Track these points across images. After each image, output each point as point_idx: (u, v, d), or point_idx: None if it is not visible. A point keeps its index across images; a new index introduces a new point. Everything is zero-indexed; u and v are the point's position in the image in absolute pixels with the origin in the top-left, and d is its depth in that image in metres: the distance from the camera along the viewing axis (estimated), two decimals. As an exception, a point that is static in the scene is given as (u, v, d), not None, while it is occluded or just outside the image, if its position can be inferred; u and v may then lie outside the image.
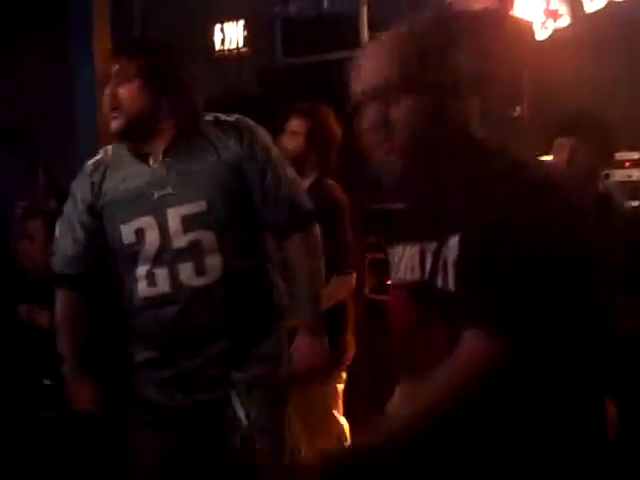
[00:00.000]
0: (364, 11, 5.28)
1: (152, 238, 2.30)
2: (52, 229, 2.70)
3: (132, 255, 2.35)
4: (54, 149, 5.80)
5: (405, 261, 1.56)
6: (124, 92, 2.28)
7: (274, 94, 5.07)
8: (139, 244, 2.32)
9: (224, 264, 2.27)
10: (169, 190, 2.29)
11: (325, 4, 5.36)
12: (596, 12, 4.18)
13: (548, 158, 4.55)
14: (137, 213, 2.33)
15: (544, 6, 4.47)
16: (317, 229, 2.44)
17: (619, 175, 4.04)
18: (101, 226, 2.41)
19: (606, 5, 4.12)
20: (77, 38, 3.87)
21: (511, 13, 4.75)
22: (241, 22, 6.30)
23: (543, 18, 4.50)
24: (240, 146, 2.32)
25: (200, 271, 2.27)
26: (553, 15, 4.44)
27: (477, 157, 1.49)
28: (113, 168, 2.40)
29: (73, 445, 2.90)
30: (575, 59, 4.29)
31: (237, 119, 2.38)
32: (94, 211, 2.41)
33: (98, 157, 2.46)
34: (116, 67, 2.32)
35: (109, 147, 2.47)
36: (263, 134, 2.39)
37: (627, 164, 4.02)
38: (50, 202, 5.07)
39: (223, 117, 2.40)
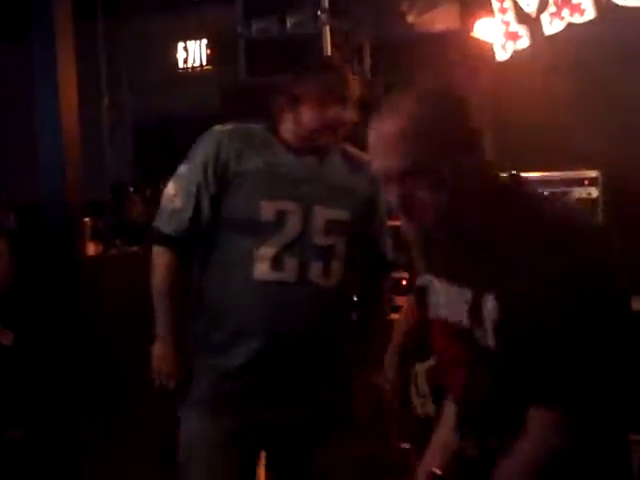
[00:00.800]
0: (327, 31, 5.34)
1: (293, 225, 2.31)
2: (16, 248, 2.67)
3: (262, 233, 2.29)
4: (12, 161, 5.76)
5: (444, 299, 1.55)
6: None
7: (237, 112, 5.08)
8: (277, 225, 2.29)
9: (342, 274, 2.36)
10: (320, 189, 2.35)
11: (288, 24, 5.41)
12: (554, 34, 4.25)
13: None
14: (283, 194, 2.32)
15: (504, 28, 4.54)
16: None
17: (578, 192, 4.12)
18: (223, 193, 2.34)
19: (564, 28, 4.19)
20: (39, 51, 3.82)
21: (472, 35, 4.83)
22: (204, 41, 6.32)
23: (503, 40, 4.56)
24: (376, 184, 2.29)
25: (327, 273, 2.32)
26: (513, 37, 4.50)
27: (508, 208, 1.48)
28: (255, 142, 2.38)
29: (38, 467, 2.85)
30: (534, 80, 4.36)
31: (364, 158, 2.37)
32: (224, 176, 2.34)
33: (231, 127, 2.43)
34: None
35: (248, 125, 2.45)
36: None
37: (586, 182, 4.11)
38: (10, 217, 5.02)
39: (352, 150, 2.49)
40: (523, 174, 4.69)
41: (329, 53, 5.33)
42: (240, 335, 2.29)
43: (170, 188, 2.41)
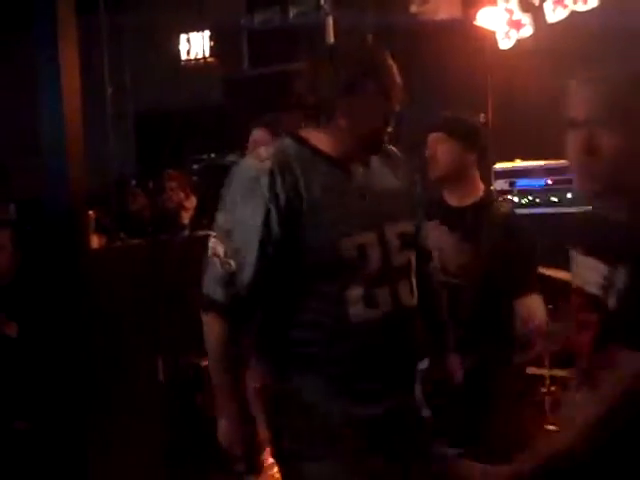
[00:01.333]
0: (330, 21, 5.33)
1: (375, 255, 2.04)
2: (20, 238, 2.68)
3: (344, 273, 2.02)
4: (14, 154, 5.77)
5: (583, 270, 1.71)
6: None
7: (240, 103, 5.09)
8: (361, 261, 2.02)
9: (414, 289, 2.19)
10: (382, 205, 2.09)
11: (291, 14, 5.40)
12: (557, 22, 4.24)
13: (514, 164, 4.64)
14: (357, 225, 2.03)
15: (507, 16, 4.53)
16: None
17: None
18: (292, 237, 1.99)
19: (567, 16, 4.18)
20: (41, 42, 3.81)
21: (475, 23, 4.82)
22: (207, 32, 6.32)
23: (506, 28, 4.55)
24: (409, 175, 2.25)
25: (412, 290, 2.15)
26: (516, 25, 4.49)
27: None
28: (301, 167, 2.01)
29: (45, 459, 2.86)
30: (537, 67, 4.36)
31: (396, 151, 2.25)
32: (290, 216, 1.97)
33: (273, 151, 2.02)
34: None
35: (280, 145, 2.06)
36: None
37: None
38: (10, 209, 5.02)
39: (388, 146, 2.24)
40: (527, 162, 4.67)
41: (332, 42, 5.34)
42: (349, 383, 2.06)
43: (217, 246, 1.99)
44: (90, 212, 4.08)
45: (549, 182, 4.29)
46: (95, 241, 4.19)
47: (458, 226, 2.80)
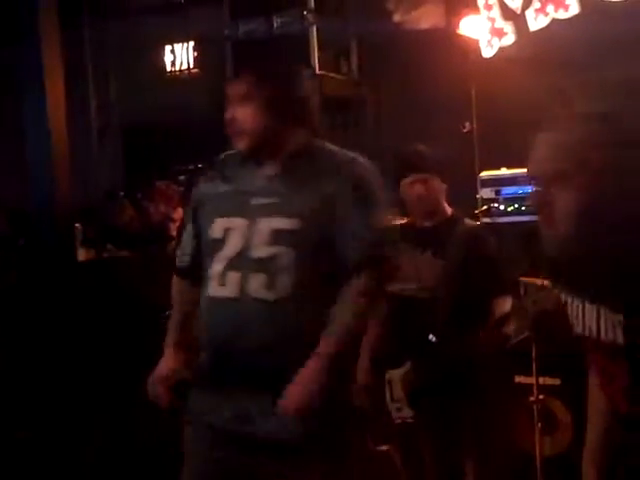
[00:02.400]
0: (314, 32, 5.36)
1: (235, 240, 2.30)
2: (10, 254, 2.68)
3: (214, 251, 2.33)
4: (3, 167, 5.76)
5: (589, 318, 1.64)
6: (245, 115, 2.27)
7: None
8: (223, 242, 2.31)
9: (294, 284, 2.24)
10: (271, 200, 2.30)
11: (275, 25, 5.42)
12: (539, 30, 4.28)
13: (499, 172, 4.67)
14: (232, 212, 2.32)
15: (489, 25, 4.56)
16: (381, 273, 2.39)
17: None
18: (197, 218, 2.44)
19: (548, 24, 4.22)
20: (25, 55, 3.82)
21: (458, 32, 4.85)
22: (191, 43, 6.33)
23: (489, 36, 4.59)
24: (343, 184, 2.30)
25: (270, 285, 2.25)
26: (498, 34, 4.53)
27: None
28: (234, 162, 2.38)
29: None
30: (520, 75, 4.39)
31: (349, 157, 2.35)
32: (198, 203, 2.42)
33: (226, 153, 2.44)
34: (237, 88, 2.29)
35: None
36: (368, 177, 2.35)
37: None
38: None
39: (338, 152, 2.37)
40: (510, 170, 4.71)
41: (315, 52, 5.36)
42: (203, 349, 2.35)
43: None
44: (77, 225, 4.08)
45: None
46: (83, 254, 4.18)
47: (429, 244, 2.94)
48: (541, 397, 3.25)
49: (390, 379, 3.01)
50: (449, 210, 3.06)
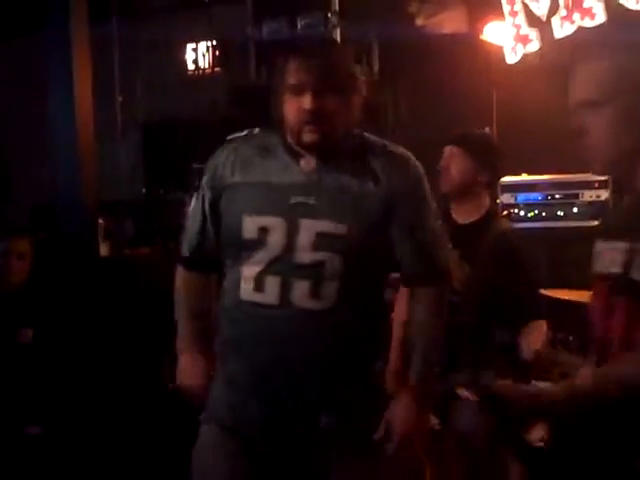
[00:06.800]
0: (337, 33, 5.37)
1: (275, 241, 2.09)
2: (38, 248, 2.70)
3: (247, 251, 2.13)
4: (27, 163, 5.79)
5: (606, 254, 1.73)
6: (333, 106, 2.06)
7: (247, 115, 5.10)
8: (259, 243, 2.10)
9: (340, 293, 2.07)
10: (311, 200, 2.09)
11: (298, 26, 5.43)
12: (564, 37, 4.28)
13: (520, 178, 4.67)
14: (268, 209, 2.11)
15: (514, 31, 4.56)
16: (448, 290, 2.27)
17: (588, 195, 4.17)
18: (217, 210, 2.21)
19: (575, 31, 4.21)
20: (53, 55, 3.85)
21: (481, 38, 4.86)
22: (214, 43, 6.35)
23: (513, 43, 4.59)
24: (403, 183, 2.13)
25: (315, 294, 2.07)
26: (523, 40, 4.53)
27: None
28: (256, 152, 2.18)
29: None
30: (543, 82, 4.39)
31: (403, 154, 2.18)
32: (217, 191, 2.20)
33: (244, 135, 2.23)
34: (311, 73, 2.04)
35: (257, 130, 2.25)
36: (423, 177, 2.20)
37: (596, 184, 4.15)
38: (22, 219, 5.05)
39: (390, 147, 2.18)
40: (531, 176, 4.71)
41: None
42: (230, 355, 2.20)
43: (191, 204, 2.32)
44: (100, 221, 4.11)
45: (556, 196, 4.33)
46: (105, 249, 4.21)
47: (459, 244, 2.84)
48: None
49: None
50: (485, 207, 2.98)
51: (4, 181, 6.34)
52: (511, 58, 4.62)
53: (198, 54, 6.33)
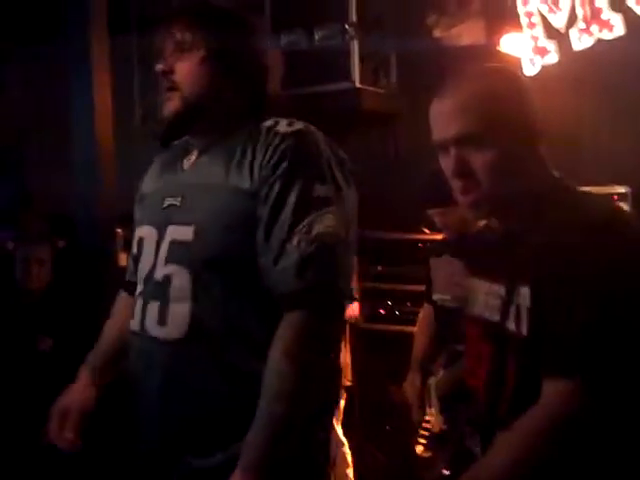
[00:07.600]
0: (355, 45, 5.38)
1: (146, 255, 1.74)
2: (58, 256, 2.71)
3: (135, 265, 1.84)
4: (47, 169, 5.83)
5: (482, 297, 1.57)
6: (183, 67, 1.75)
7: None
8: (138, 259, 1.79)
9: (190, 320, 1.60)
10: (177, 202, 1.71)
11: (316, 37, 5.45)
12: (583, 50, 4.27)
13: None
14: (144, 217, 1.82)
15: (533, 43, 4.56)
16: (336, 316, 1.62)
17: (607, 208, 4.15)
18: None
19: (593, 44, 4.21)
20: (74, 66, 3.88)
21: (499, 49, 4.85)
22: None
23: (531, 55, 4.59)
24: (269, 171, 1.61)
25: (162, 319, 1.64)
26: (541, 52, 4.52)
27: (564, 204, 1.54)
28: (172, 155, 1.89)
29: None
30: (562, 95, 4.38)
31: (286, 131, 1.67)
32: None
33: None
34: (173, 35, 1.76)
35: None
36: (300, 153, 1.65)
37: (615, 197, 4.13)
38: (42, 226, 5.07)
39: (281, 127, 1.69)
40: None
41: (357, 66, 5.39)
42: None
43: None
44: (118, 230, 4.14)
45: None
46: (124, 259, 4.23)
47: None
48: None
49: (429, 386, 3.05)
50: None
51: (24, 189, 6.39)
52: (529, 70, 4.61)
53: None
